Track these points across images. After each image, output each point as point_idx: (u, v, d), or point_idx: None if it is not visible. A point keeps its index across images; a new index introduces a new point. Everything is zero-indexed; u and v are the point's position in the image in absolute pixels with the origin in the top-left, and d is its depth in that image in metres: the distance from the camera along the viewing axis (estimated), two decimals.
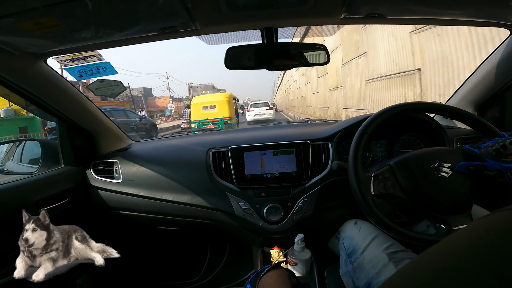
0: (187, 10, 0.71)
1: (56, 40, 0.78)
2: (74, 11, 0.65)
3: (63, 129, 1.22)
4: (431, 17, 0.90)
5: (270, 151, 1.14)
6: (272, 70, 0.97)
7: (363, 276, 0.78)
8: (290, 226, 1.09)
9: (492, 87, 1.11)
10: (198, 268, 1.65)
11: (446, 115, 0.89)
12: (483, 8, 0.83)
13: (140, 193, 1.21)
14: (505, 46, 1.03)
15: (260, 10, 0.77)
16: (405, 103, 0.84)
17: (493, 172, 0.67)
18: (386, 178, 0.75)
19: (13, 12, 0.61)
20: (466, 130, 1.17)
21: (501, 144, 0.66)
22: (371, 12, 0.81)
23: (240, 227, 1.16)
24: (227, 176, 1.16)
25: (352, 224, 0.98)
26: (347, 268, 0.87)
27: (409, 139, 1.16)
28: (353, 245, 0.88)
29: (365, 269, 0.78)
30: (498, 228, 0.26)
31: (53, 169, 1.22)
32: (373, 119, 0.81)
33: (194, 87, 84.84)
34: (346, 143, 1.17)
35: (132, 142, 1.50)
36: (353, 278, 0.82)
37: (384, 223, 0.72)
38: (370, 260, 0.79)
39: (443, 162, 0.72)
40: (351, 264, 0.84)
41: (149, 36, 0.85)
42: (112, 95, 1.09)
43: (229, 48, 0.91)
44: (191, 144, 1.31)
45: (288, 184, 1.13)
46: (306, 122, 1.71)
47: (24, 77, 0.93)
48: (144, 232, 1.57)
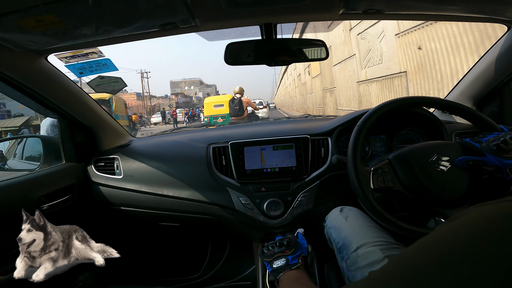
0: (186, 7, 0.72)
1: (57, 37, 0.79)
2: (74, 8, 0.65)
3: (64, 125, 1.22)
4: (429, 12, 0.90)
5: (270, 146, 1.15)
6: (271, 66, 0.98)
7: (359, 275, 0.74)
8: (290, 220, 1.10)
9: (490, 82, 1.12)
10: (199, 264, 1.67)
11: (445, 109, 0.90)
12: (480, 4, 0.83)
13: (141, 189, 1.22)
14: (503, 42, 1.03)
15: (259, 6, 0.78)
16: (404, 98, 0.84)
17: (492, 168, 0.67)
18: (385, 172, 0.76)
19: (14, 10, 0.62)
20: (465, 125, 1.18)
21: (502, 139, 0.66)
22: (369, 8, 0.81)
23: (240, 222, 1.17)
24: (227, 171, 1.17)
25: (338, 212, 0.94)
26: (341, 264, 0.83)
27: (408, 134, 1.16)
28: (342, 238, 0.84)
29: (360, 268, 0.74)
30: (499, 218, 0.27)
31: (55, 165, 1.23)
32: (371, 114, 0.81)
33: (177, 83, 79.15)
34: (346, 138, 1.17)
35: (132, 139, 1.51)
36: (348, 276, 0.78)
37: (384, 217, 0.72)
38: (364, 258, 0.75)
39: (442, 156, 0.72)
40: (344, 262, 0.80)
41: (149, 32, 0.85)
42: (113, 91, 1.10)
43: (228, 44, 0.92)
44: (191, 140, 1.32)
45: (288, 178, 1.14)
46: (306, 117, 1.71)
47: (25, 74, 0.93)
48: (145, 228, 1.58)
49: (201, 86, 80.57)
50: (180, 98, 54.98)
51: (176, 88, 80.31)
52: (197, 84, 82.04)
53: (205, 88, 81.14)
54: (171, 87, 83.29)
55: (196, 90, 75.72)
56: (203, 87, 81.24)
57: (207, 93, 70.35)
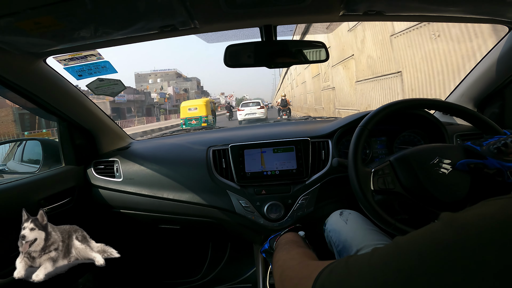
0: (185, 9, 0.71)
1: (56, 39, 0.78)
2: (73, 10, 0.65)
3: (63, 128, 1.22)
4: (429, 13, 0.90)
5: (270, 148, 1.14)
6: (271, 68, 0.98)
7: None
8: (291, 223, 1.09)
9: (491, 83, 1.11)
10: (200, 266, 1.66)
11: (448, 112, 0.89)
12: (481, 5, 0.83)
13: (141, 191, 1.21)
14: (504, 43, 1.03)
15: (259, 7, 0.77)
16: (406, 100, 0.84)
17: (493, 171, 0.66)
18: (386, 173, 0.75)
19: (13, 12, 0.62)
20: (466, 127, 1.17)
21: (502, 142, 0.66)
22: (369, 9, 0.81)
23: (240, 225, 1.16)
24: (227, 174, 1.16)
25: (338, 216, 0.94)
26: None
27: (409, 136, 1.16)
28: (342, 241, 0.84)
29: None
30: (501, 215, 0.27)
31: (54, 168, 1.23)
32: (373, 115, 0.81)
33: (144, 76, 62.81)
34: (346, 140, 1.17)
35: (132, 141, 1.50)
36: None
37: (383, 219, 0.72)
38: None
39: (443, 159, 0.72)
40: None
41: (148, 34, 0.85)
42: (112, 94, 1.09)
43: (228, 46, 0.91)
44: (191, 143, 1.32)
45: (289, 181, 1.13)
46: (306, 119, 1.71)
47: (24, 76, 0.93)
48: (145, 231, 1.58)
49: (178, 80, 62.86)
50: (123, 97, 33.71)
51: (143, 82, 61.74)
52: (172, 77, 62.94)
53: (183, 82, 63.60)
54: (137, 81, 65.16)
55: (165, 84, 56.62)
56: (180, 80, 63.59)
57: (184, 89, 57.87)
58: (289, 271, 0.52)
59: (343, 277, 0.34)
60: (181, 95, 53.17)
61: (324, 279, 0.37)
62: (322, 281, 0.37)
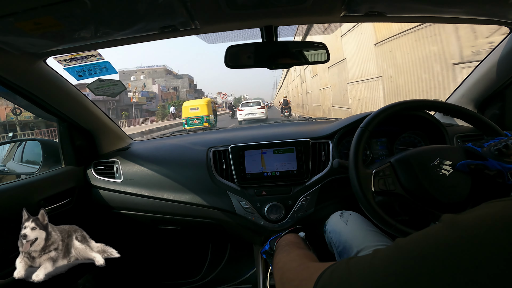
0: (186, 9, 0.71)
1: (56, 39, 0.78)
2: (73, 11, 0.65)
3: (63, 129, 1.21)
4: (431, 15, 0.90)
5: (271, 149, 1.14)
6: (272, 69, 0.98)
7: None
8: (291, 224, 1.09)
9: (492, 84, 1.11)
10: (200, 267, 1.66)
11: (449, 113, 0.89)
12: (482, 6, 0.82)
13: (141, 192, 1.21)
14: (505, 44, 1.03)
15: (260, 8, 0.77)
16: (406, 101, 0.84)
17: (493, 172, 0.66)
18: (386, 175, 0.75)
19: (13, 12, 0.61)
20: (467, 128, 1.17)
21: (503, 144, 0.66)
22: (370, 10, 0.81)
23: (241, 226, 1.16)
24: (227, 175, 1.16)
25: (338, 217, 0.94)
26: None
27: (409, 137, 1.16)
28: (342, 242, 0.84)
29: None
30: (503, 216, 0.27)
31: (54, 169, 1.22)
32: (374, 116, 0.81)
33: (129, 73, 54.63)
34: (347, 141, 1.17)
35: (132, 142, 1.50)
36: None
37: (383, 220, 0.72)
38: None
39: (444, 160, 0.72)
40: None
41: (149, 35, 0.85)
42: (112, 94, 1.09)
43: (229, 46, 0.91)
44: (191, 143, 1.32)
45: (289, 182, 1.13)
46: (306, 120, 1.71)
47: (24, 77, 0.93)
48: (145, 232, 1.58)
49: (168, 77, 57.23)
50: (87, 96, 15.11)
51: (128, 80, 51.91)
52: (161, 74, 57.14)
53: (173, 79, 57.24)
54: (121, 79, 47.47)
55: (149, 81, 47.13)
56: (170, 78, 57.74)
57: (173, 87, 52.41)
58: (289, 273, 0.52)
59: (344, 279, 0.34)
60: (169, 94, 47.45)
61: (325, 281, 0.37)
62: (323, 283, 0.37)
